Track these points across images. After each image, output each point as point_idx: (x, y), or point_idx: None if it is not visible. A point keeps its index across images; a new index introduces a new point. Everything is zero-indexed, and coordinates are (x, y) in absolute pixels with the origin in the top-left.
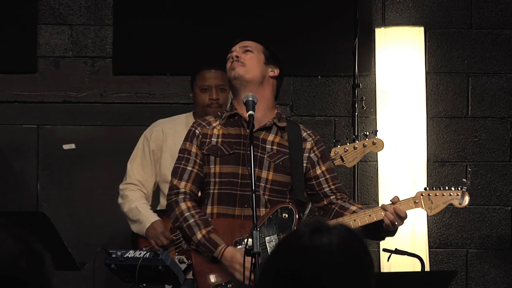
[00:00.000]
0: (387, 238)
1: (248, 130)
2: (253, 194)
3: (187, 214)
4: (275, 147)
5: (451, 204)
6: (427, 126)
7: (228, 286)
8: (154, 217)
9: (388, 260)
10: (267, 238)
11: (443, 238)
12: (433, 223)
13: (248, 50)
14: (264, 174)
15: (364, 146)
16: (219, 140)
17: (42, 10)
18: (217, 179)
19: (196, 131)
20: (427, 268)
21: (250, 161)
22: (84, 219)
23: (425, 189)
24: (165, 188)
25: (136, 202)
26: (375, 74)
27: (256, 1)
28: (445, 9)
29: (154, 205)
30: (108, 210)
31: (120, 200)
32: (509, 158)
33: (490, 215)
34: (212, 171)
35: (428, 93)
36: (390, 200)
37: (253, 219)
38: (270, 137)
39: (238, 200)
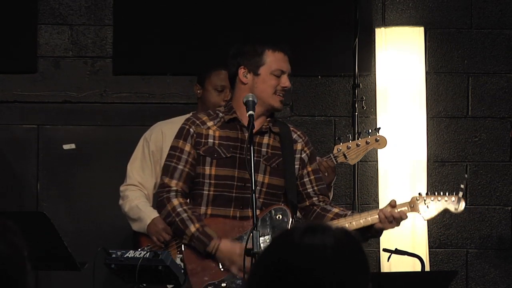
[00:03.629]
0: (387, 238)
1: (246, 134)
2: (253, 194)
3: (179, 209)
4: (270, 150)
5: (447, 210)
6: (427, 126)
7: (222, 285)
8: (154, 214)
9: (388, 260)
10: (261, 238)
11: (443, 238)
12: (433, 223)
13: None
14: (260, 178)
15: (367, 143)
16: (216, 142)
17: (42, 10)
18: (212, 181)
19: (191, 129)
20: (427, 268)
21: (251, 161)
22: (84, 219)
23: (419, 194)
24: None
25: (136, 201)
26: (375, 74)
27: (256, 1)
28: (445, 9)
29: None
30: (108, 210)
31: (120, 201)
32: (509, 158)
33: (490, 215)
34: (207, 172)
35: (428, 93)
36: (389, 204)
37: (253, 220)
38: (265, 140)
39: (233, 201)
